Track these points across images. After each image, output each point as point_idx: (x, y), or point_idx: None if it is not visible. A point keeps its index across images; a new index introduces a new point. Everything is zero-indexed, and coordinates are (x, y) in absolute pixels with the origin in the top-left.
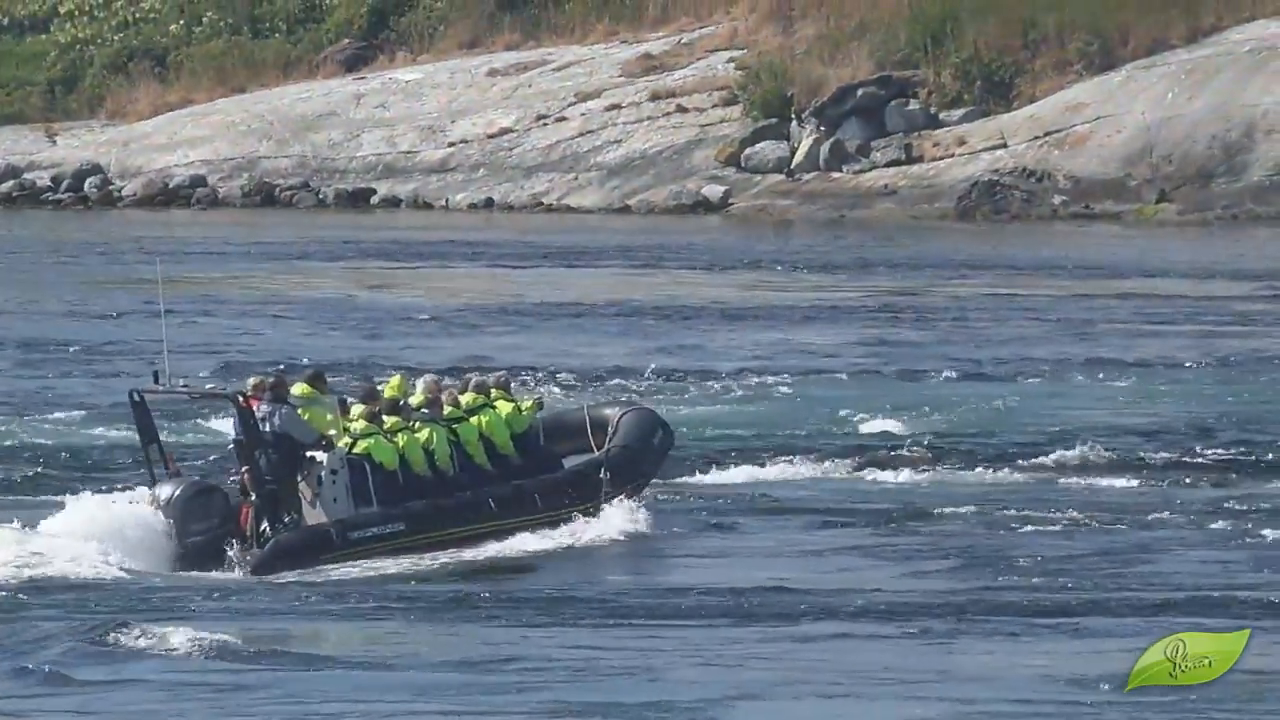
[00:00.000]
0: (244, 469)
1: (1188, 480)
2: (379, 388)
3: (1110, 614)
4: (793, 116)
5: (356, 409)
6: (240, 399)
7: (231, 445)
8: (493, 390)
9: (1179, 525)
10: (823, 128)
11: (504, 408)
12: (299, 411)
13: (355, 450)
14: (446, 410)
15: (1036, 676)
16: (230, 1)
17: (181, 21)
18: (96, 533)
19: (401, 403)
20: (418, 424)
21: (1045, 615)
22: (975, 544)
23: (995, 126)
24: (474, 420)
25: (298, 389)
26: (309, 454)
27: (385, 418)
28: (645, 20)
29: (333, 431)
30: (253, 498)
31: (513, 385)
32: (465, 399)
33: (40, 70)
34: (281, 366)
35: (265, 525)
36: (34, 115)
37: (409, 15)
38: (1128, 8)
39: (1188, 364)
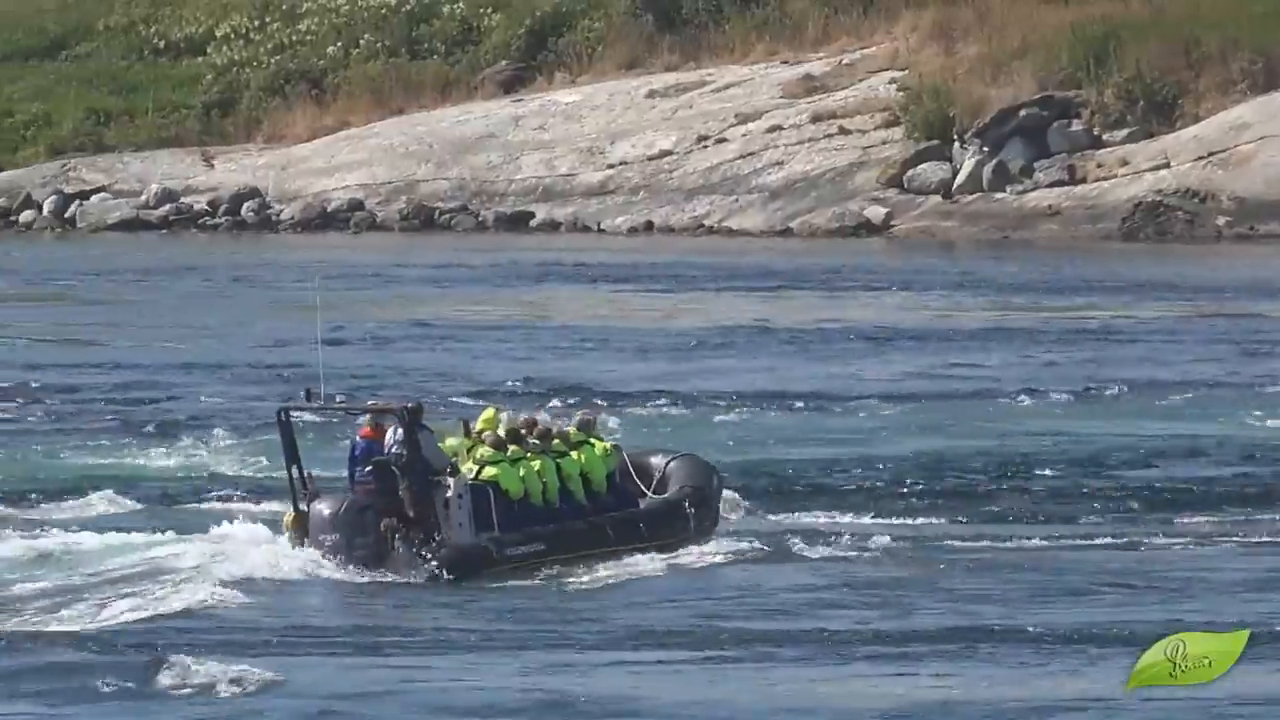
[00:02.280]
0: (403, 486)
1: None
2: (471, 421)
3: None
4: (955, 137)
5: (451, 440)
6: (405, 416)
7: (369, 465)
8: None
9: None
10: (985, 148)
11: (598, 446)
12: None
13: (482, 476)
14: (553, 444)
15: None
16: (388, 23)
17: (338, 44)
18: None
19: (523, 433)
20: (530, 454)
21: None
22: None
23: (1158, 147)
24: (575, 455)
25: None
26: (435, 478)
27: (509, 447)
28: (806, 40)
29: (456, 457)
30: (409, 515)
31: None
32: (571, 433)
33: (196, 94)
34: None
35: (398, 543)
36: (190, 139)
37: (567, 36)
38: None
39: None
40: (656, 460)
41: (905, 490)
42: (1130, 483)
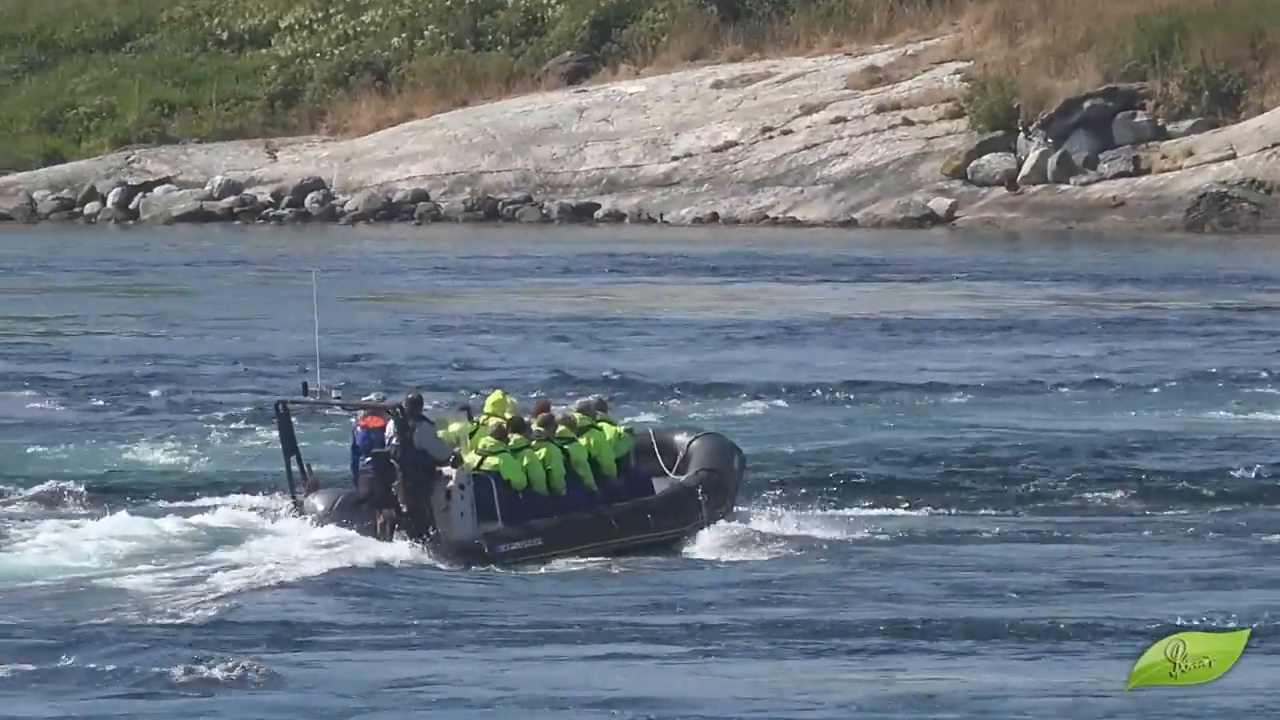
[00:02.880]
0: (397, 480)
1: None
2: (471, 406)
3: None
4: (1019, 129)
5: (454, 426)
6: (399, 412)
7: (368, 459)
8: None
9: None
10: (1050, 140)
11: (608, 430)
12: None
13: (484, 466)
14: (558, 430)
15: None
16: (452, 15)
17: (403, 35)
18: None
19: (526, 420)
20: (534, 442)
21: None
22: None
23: (1223, 138)
24: (583, 441)
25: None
26: (438, 470)
27: (511, 435)
28: (870, 32)
29: (458, 448)
30: (402, 509)
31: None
32: (577, 419)
33: (260, 85)
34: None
35: (397, 535)
36: (254, 131)
37: (631, 27)
38: None
39: None
40: (680, 438)
41: (934, 481)
42: (1162, 476)
